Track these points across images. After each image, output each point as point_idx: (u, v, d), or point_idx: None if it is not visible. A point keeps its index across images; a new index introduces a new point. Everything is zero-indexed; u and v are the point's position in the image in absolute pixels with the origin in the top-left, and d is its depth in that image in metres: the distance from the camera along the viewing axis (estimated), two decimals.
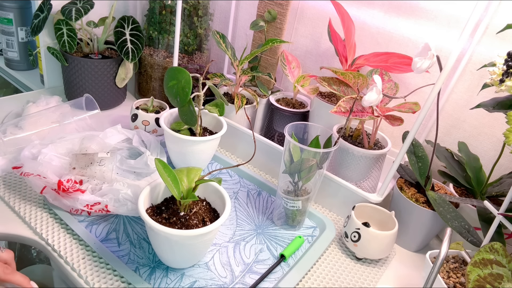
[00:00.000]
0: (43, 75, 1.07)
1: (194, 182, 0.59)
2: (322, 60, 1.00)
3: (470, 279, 0.51)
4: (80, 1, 0.91)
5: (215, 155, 0.87)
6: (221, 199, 0.60)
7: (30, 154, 0.71)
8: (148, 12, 1.05)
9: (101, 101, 0.98)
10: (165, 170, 0.56)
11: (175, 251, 0.56)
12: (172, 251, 0.56)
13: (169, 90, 0.72)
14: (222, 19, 1.16)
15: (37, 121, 0.81)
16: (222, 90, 0.98)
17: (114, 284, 0.55)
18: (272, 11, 0.95)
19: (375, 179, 0.79)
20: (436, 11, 0.79)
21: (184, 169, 0.61)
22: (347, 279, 0.64)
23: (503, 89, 0.55)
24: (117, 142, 0.81)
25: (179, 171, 0.60)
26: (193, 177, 0.60)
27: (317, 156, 0.63)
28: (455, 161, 0.77)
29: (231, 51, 0.90)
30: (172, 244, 0.54)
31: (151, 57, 1.04)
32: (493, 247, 0.53)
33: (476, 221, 0.65)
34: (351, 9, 0.87)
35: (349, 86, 0.78)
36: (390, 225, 0.68)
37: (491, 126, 0.78)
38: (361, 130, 0.79)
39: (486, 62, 0.66)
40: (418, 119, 0.62)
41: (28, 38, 1.19)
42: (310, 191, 0.69)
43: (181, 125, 0.78)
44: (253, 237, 0.68)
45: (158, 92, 1.08)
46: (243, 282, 0.59)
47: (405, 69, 0.78)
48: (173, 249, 0.55)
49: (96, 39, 0.98)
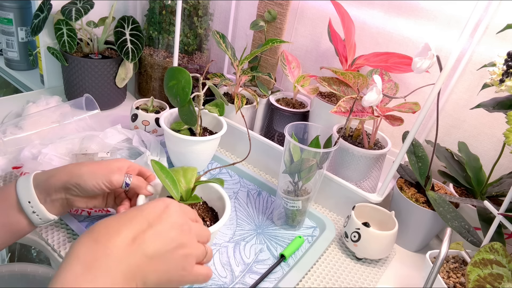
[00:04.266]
0: (43, 75, 1.07)
1: (192, 182, 0.59)
2: (322, 60, 1.00)
3: (470, 279, 0.51)
4: (80, 1, 0.91)
5: (215, 155, 0.87)
6: (220, 200, 0.60)
7: (30, 154, 0.71)
8: (148, 12, 1.05)
9: (101, 101, 0.98)
10: (163, 171, 0.56)
11: None
12: None
13: (169, 90, 0.72)
14: (222, 19, 1.16)
15: (37, 121, 0.81)
16: (222, 90, 0.98)
17: None
18: (272, 11, 0.95)
19: (375, 179, 0.79)
20: (436, 11, 0.79)
21: (180, 169, 0.60)
22: (347, 279, 0.64)
23: (503, 89, 0.55)
24: (117, 142, 0.81)
25: (175, 172, 0.59)
26: (190, 177, 0.59)
27: (317, 156, 0.63)
28: (455, 161, 0.77)
29: (231, 51, 0.90)
30: None
31: (151, 57, 1.04)
32: (493, 247, 0.53)
33: (476, 221, 0.65)
34: (351, 9, 0.87)
35: (349, 86, 0.78)
36: (390, 225, 0.68)
37: (491, 126, 0.78)
38: (361, 130, 0.79)
39: (486, 62, 0.66)
40: (418, 119, 0.62)
41: (28, 38, 1.19)
42: (310, 191, 0.69)
43: (181, 125, 0.78)
44: (253, 237, 0.68)
45: (158, 92, 1.08)
46: (243, 282, 0.59)
47: (405, 69, 0.78)
48: None
49: (96, 39, 0.98)
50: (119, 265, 0.37)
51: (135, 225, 0.40)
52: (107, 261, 0.36)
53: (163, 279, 0.40)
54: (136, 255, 0.38)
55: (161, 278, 0.40)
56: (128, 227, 0.40)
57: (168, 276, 0.40)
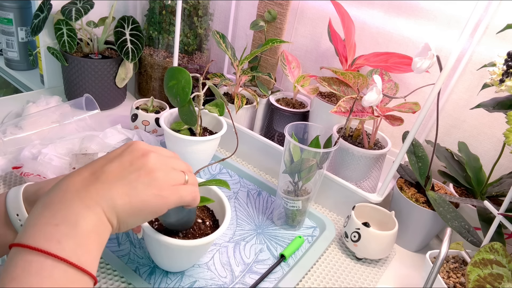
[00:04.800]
0: (43, 75, 1.07)
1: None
2: (322, 60, 1.00)
3: (470, 279, 0.51)
4: (80, 1, 0.91)
5: (215, 154, 0.87)
6: (218, 201, 0.60)
7: (30, 154, 0.71)
8: (148, 12, 1.05)
9: (101, 101, 0.98)
10: None
11: (176, 259, 0.55)
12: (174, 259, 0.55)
13: (169, 90, 0.72)
14: (222, 19, 1.16)
15: (37, 121, 0.81)
16: (222, 90, 0.98)
17: (114, 284, 0.55)
18: (272, 11, 0.95)
19: (375, 179, 0.79)
20: (436, 11, 0.79)
21: None
22: (347, 279, 0.64)
23: (503, 89, 0.55)
24: (117, 142, 0.81)
25: None
26: None
27: (317, 156, 0.63)
28: (455, 161, 0.77)
29: (231, 51, 0.90)
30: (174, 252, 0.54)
31: (151, 57, 1.04)
32: (493, 247, 0.53)
33: (476, 221, 0.65)
34: (351, 9, 0.87)
35: (349, 86, 0.78)
36: (390, 225, 0.68)
37: (491, 126, 0.78)
38: (361, 130, 0.79)
39: (486, 62, 0.66)
40: (418, 119, 0.62)
41: (28, 38, 1.19)
42: (310, 191, 0.69)
43: (181, 125, 0.78)
44: (253, 237, 0.68)
45: (158, 92, 1.08)
46: (243, 282, 0.59)
47: (405, 69, 0.78)
48: (174, 257, 0.55)
49: (96, 39, 0.98)
50: (76, 196, 0.36)
51: (95, 164, 0.39)
52: (66, 196, 0.36)
53: (135, 202, 0.38)
54: (95, 184, 0.37)
55: (132, 201, 0.38)
56: (88, 167, 0.39)
57: (140, 198, 0.38)
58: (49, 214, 0.35)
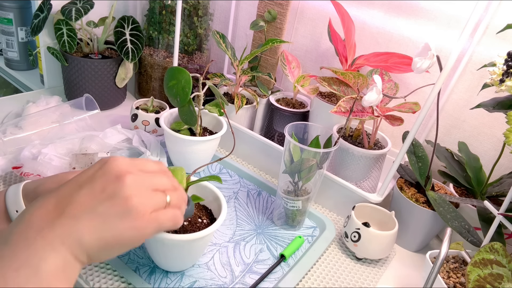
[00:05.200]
0: (43, 75, 1.07)
1: (184, 183, 0.58)
2: (322, 60, 1.00)
3: (470, 279, 0.51)
4: (80, 1, 0.91)
5: (215, 154, 0.87)
6: (215, 199, 0.60)
7: (30, 154, 0.71)
8: (148, 12, 1.05)
9: (101, 101, 0.98)
10: None
11: (173, 256, 0.55)
12: (171, 256, 0.55)
13: (169, 90, 0.72)
14: (222, 19, 1.16)
15: (37, 121, 0.81)
16: (222, 90, 0.98)
17: (114, 284, 0.55)
18: (272, 11, 0.95)
19: (375, 179, 0.79)
20: (436, 11, 0.79)
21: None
22: (347, 279, 0.64)
23: (503, 89, 0.55)
24: (117, 142, 0.81)
25: None
26: (180, 178, 0.57)
27: (317, 156, 0.63)
28: (455, 161, 0.77)
29: (231, 51, 0.90)
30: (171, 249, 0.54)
31: (151, 57, 1.04)
32: (493, 247, 0.53)
33: (476, 221, 0.65)
34: (351, 9, 0.87)
35: (349, 86, 0.78)
36: (390, 225, 0.68)
37: (491, 126, 0.78)
38: (361, 130, 0.79)
39: (486, 62, 0.66)
40: (418, 119, 0.62)
41: (28, 38, 1.19)
42: (310, 191, 0.69)
43: (181, 125, 0.78)
44: (253, 237, 0.68)
45: (158, 92, 1.08)
46: (243, 282, 0.59)
47: (405, 69, 0.78)
48: (171, 254, 0.55)
49: (96, 39, 0.98)
50: (39, 234, 0.33)
51: (62, 191, 0.36)
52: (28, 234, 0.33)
53: (106, 237, 0.34)
54: (60, 219, 0.34)
55: (103, 236, 0.34)
56: (54, 195, 0.36)
57: (112, 233, 0.34)
58: (11, 254, 0.32)
